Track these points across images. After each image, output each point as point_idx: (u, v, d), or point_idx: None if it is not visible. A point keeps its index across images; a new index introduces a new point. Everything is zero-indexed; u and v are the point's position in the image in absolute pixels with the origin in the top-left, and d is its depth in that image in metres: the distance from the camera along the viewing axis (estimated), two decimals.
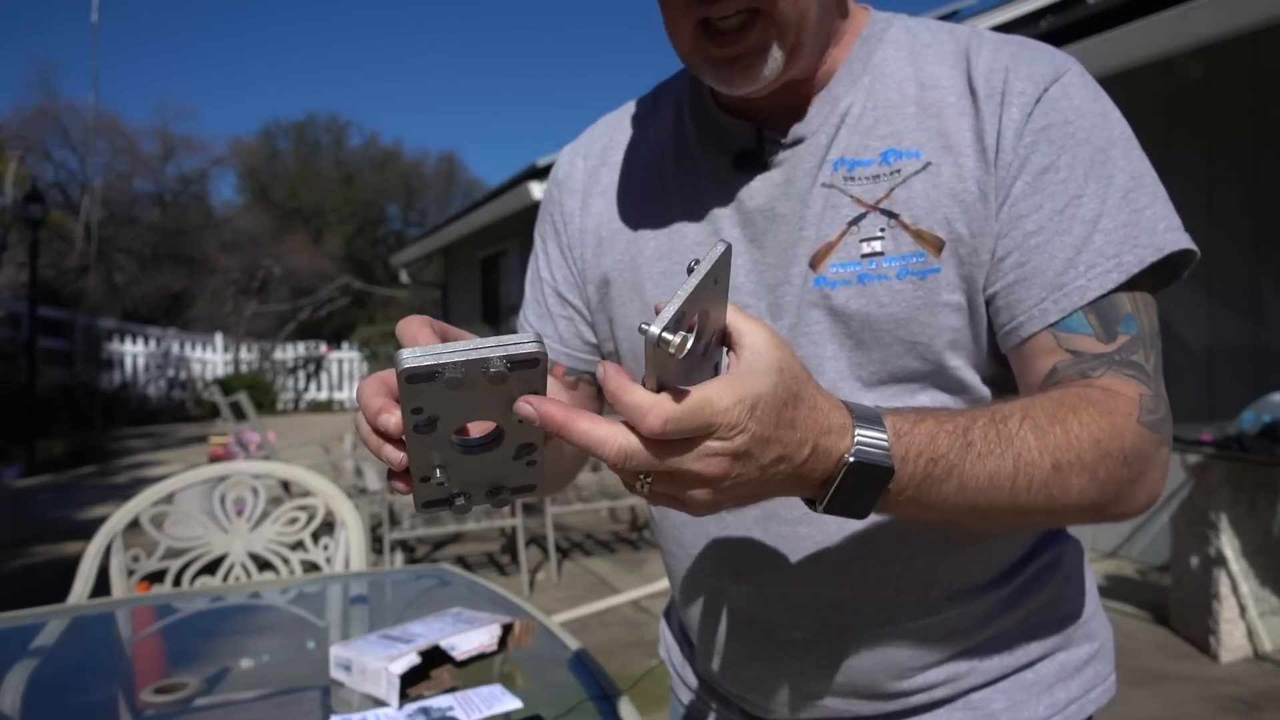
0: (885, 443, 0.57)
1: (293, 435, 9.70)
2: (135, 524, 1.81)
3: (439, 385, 0.49)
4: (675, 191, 0.86)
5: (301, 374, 17.91)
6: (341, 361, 18.04)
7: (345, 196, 29.62)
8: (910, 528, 0.77)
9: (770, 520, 0.80)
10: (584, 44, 70.91)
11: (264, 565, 1.92)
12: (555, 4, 72.17)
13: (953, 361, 0.75)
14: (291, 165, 30.97)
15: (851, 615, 0.79)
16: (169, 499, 1.87)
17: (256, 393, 13.83)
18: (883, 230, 0.74)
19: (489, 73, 68.27)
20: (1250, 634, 3.35)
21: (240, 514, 1.93)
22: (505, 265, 11.05)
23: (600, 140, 0.95)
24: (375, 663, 1.00)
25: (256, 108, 61.56)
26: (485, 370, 0.49)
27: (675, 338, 0.48)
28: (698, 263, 0.51)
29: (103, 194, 17.64)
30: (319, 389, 17.97)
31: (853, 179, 0.76)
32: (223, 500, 1.93)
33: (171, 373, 16.55)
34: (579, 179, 0.94)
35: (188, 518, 1.89)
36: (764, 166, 0.80)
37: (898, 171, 0.75)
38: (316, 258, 23.38)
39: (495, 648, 1.08)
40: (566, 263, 0.93)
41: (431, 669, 1.04)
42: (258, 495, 1.95)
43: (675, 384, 0.51)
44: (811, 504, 0.60)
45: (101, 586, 1.74)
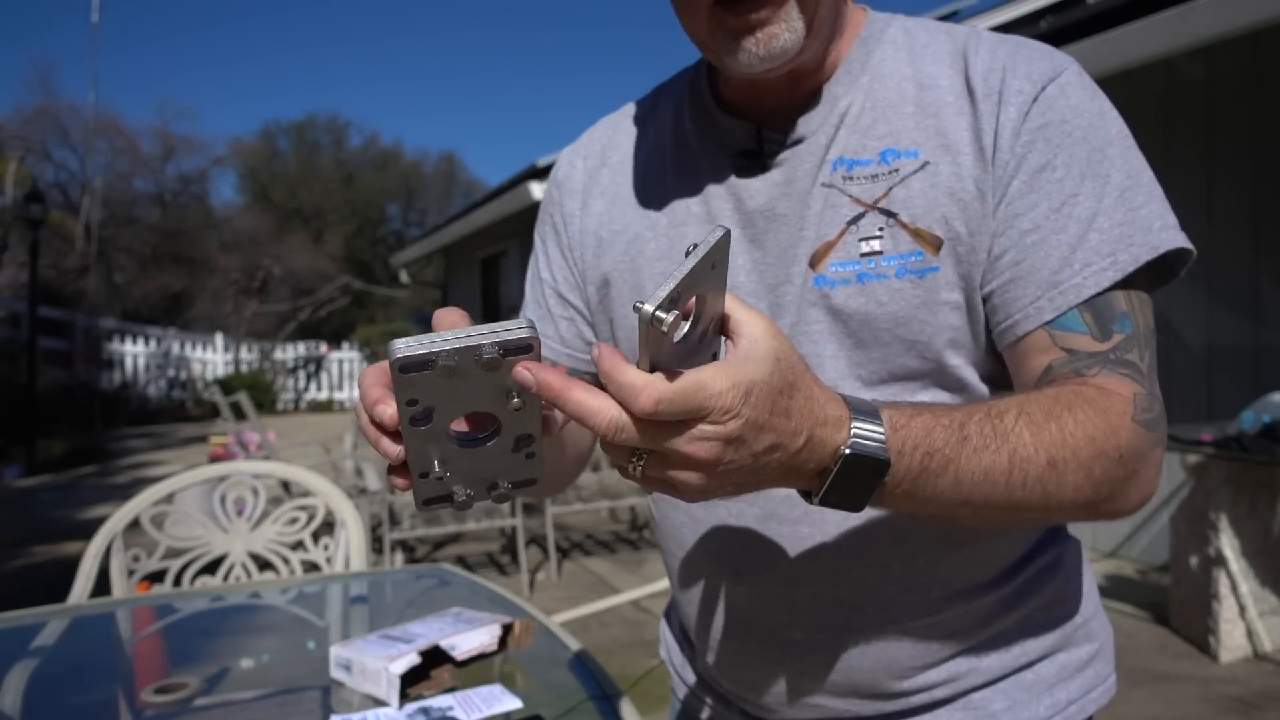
0: (882, 436, 0.57)
1: (293, 435, 9.71)
2: (135, 524, 1.81)
3: (433, 375, 0.49)
4: (675, 192, 0.86)
5: (301, 374, 17.92)
6: (341, 361, 18.05)
7: (345, 196, 29.62)
8: (910, 527, 0.77)
9: (770, 519, 0.80)
10: (584, 44, 70.96)
11: (264, 565, 1.92)
12: (555, 3, 72.23)
13: (953, 360, 0.75)
14: (291, 165, 30.97)
15: (852, 614, 0.80)
16: (169, 499, 1.87)
17: (256, 393, 13.83)
18: (881, 229, 0.75)
19: (489, 73, 68.30)
20: (1250, 634, 3.35)
21: (240, 514, 1.93)
22: (505, 265, 11.05)
23: (600, 142, 0.95)
24: (375, 663, 1.00)
25: (256, 108, 61.62)
26: (479, 357, 0.49)
27: (669, 316, 0.48)
28: (695, 246, 0.51)
29: (103, 194, 17.64)
30: (319, 389, 17.98)
31: (851, 178, 0.76)
32: (223, 500, 1.93)
33: (171, 373, 16.55)
34: (579, 180, 0.94)
35: (188, 518, 1.89)
36: (764, 167, 0.80)
37: (896, 171, 0.75)
38: (316, 258, 23.37)
39: (495, 648, 1.08)
40: (567, 263, 0.93)
41: (431, 669, 1.04)
42: (258, 495, 1.95)
43: (670, 367, 0.51)
44: (807, 496, 0.60)
45: (101, 586, 1.74)
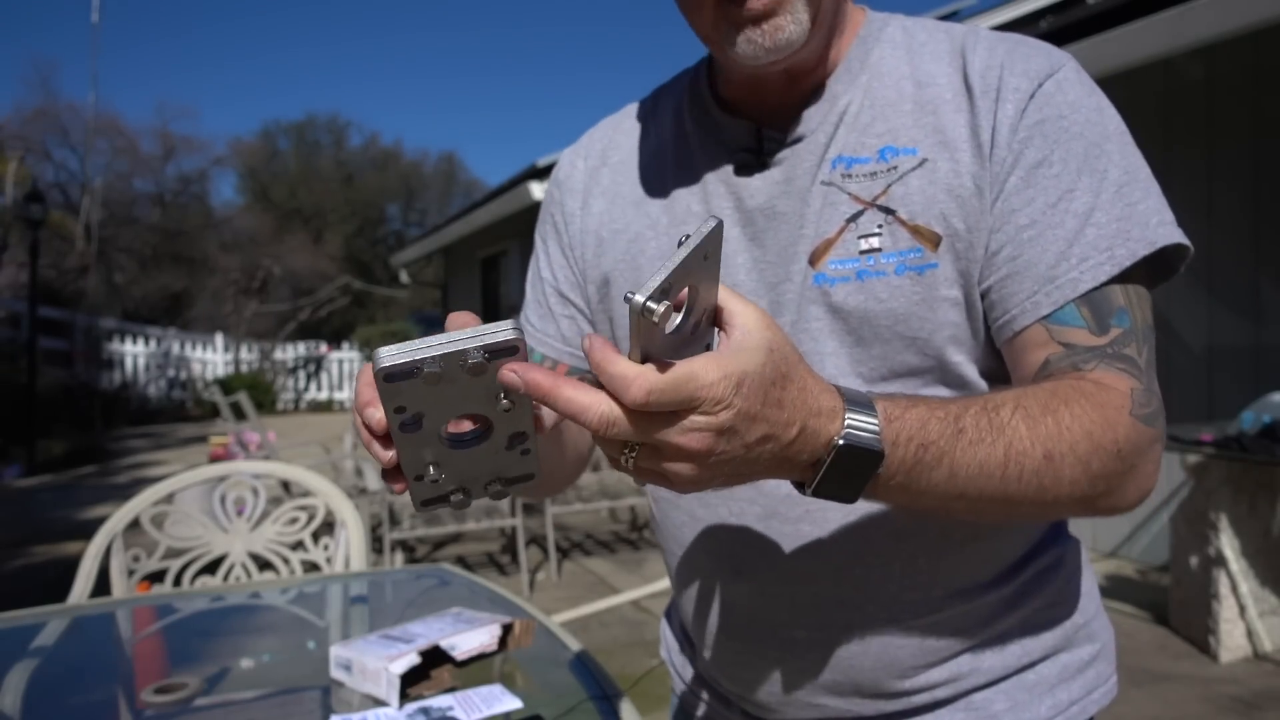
0: (876, 427, 0.57)
1: (293, 435, 9.71)
2: (135, 524, 1.81)
3: (419, 382, 0.49)
4: (676, 191, 0.86)
5: (301, 374, 17.92)
6: (341, 361, 18.05)
7: (345, 196, 29.62)
8: (911, 525, 0.77)
9: (772, 518, 0.80)
10: (584, 43, 70.96)
11: (264, 565, 1.92)
12: (556, 3, 72.22)
13: (954, 357, 0.75)
14: (291, 165, 30.97)
15: (853, 613, 0.79)
16: (169, 499, 1.87)
17: (256, 393, 13.83)
18: (880, 227, 0.75)
19: (489, 72, 68.31)
20: (1250, 634, 3.35)
21: (240, 514, 1.93)
22: (505, 265, 11.05)
23: (600, 142, 0.95)
24: (375, 663, 1.00)
25: (256, 108, 61.58)
26: (464, 362, 0.49)
27: (659, 307, 0.47)
28: (688, 237, 0.51)
29: (103, 194, 17.63)
30: (319, 389, 17.98)
31: (850, 176, 0.77)
32: (223, 500, 1.93)
33: (171, 373, 16.55)
34: (579, 180, 0.94)
35: (188, 518, 1.89)
36: (763, 165, 0.81)
37: (895, 168, 0.75)
38: (316, 258, 23.37)
39: (495, 648, 1.08)
40: (568, 262, 0.94)
41: (431, 669, 1.04)
42: (258, 495, 1.95)
43: (662, 358, 0.50)
44: (800, 487, 0.60)
45: (101, 586, 1.74)
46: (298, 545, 1.94)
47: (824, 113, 0.79)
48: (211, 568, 1.87)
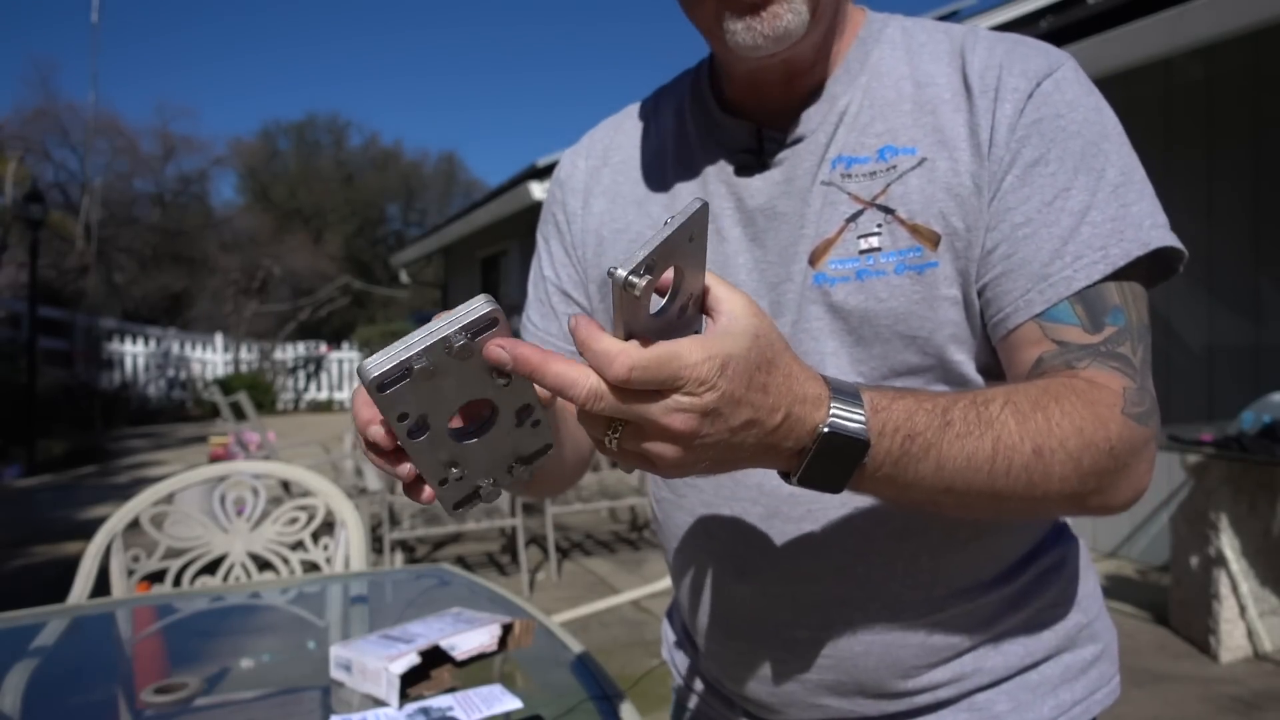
0: (862, 416, 0.57)
1: (293, 435, 9.70)
2: (135, 524, 1.81)
3: (413, 383, 0.48)
4: (677, 191, 0.86)
5: (301, 374, 17.92)
6: (341, 361, 18.05)
7: (345, 196, 29.63)
8: (913, 525, 0.77)
9: (774, 518, 0.80)
10: (585, 43, 70.97)
11: (264, 565, 1.92)
12: (556, 3, 72.24)
13: (955, 355, 0.75)
14: (291, 165, 30.98)
15: (856, 613, 0.79)
16: (169, 499, 1.87)
17: (256, 393, 13.83)
18: (879, 226, 0.75)
19: (489, 72, 68.33)
20: (1250, 634, 3.35)
21: (240, 514, 1.93)
22: (505, 265, 11.05)
23: (601, 142, 0.95)
24: (375, 663, 1.00)
25: (256, 108, 61.57)
26: (449, 349, 0.49)
27: (641, 280, 0.47)
28: (673, 218, 0.51)
29: (103, 194, 17.63)
30: (319, 389, 17.98)
31: (850, 176, 0.77)
32: (223, 500, 1.93)
33: (171, 373, 16.55)
34: (580, 179, 0.94)
35: (188, 518, 1.89)
36: (764, 165, 0.81)
37: (894, 168, 0.75)
38: (316, 258, 23.38)
39: (495, 648, 1.08)
40: (571, 261, 0.94)
41: (431, 669, 1.04)
42: (258, 495, 1.95)
43: (647, 339, 0.50)
44: (786, 477, 0.60)
45: (101, 586, 1.74)
46: (298, 545, 1.94)
47: (824, 113, 0.79)
48: (211, 568, 1.87)
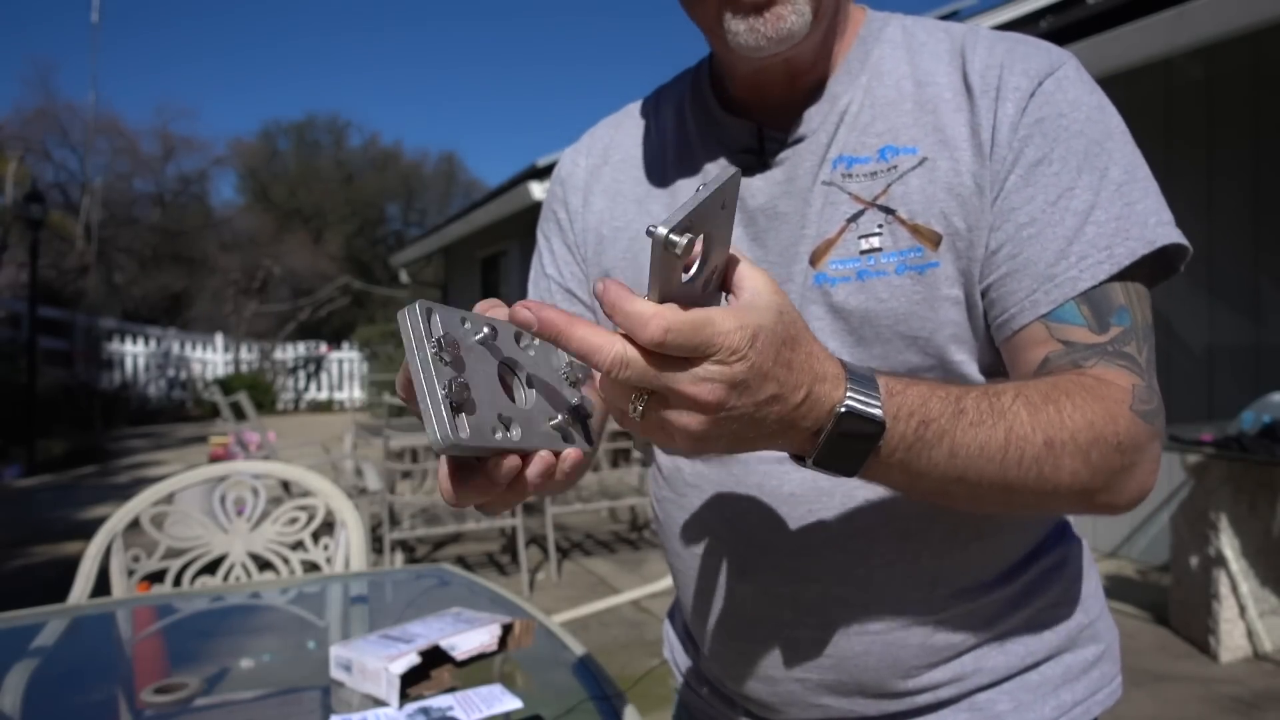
0: (878, 398, 0.57)
1: (293, 435, 9.71)
2: (135, 524, 1.81)
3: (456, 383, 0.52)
4: (677, 191, 0.86)
5: (301, 374, 17.92)
6: (341, 361, 18.06)
7: (345, 196, 29.60)
8: (915, 525, 0.77)
9: (774, 518, 0.80)
10: (585, 43, 70.97)
11: (264, 565, 1.92)
12: (556, 3, 72.25)
13: (956, 355, 0.75)
14: (291, 165, 30.96)
15: (857, 613, 0.79)
16: (169, 499, 1.87)
17: (256, 393, 13.83)
18: (880, 226, 0.75)
19: (489, 72, 68.33)
20: (1250, 634, 3.35)
21: (240, 514, 1.93)
22: (505, 265, 11.04)
23: (601, 141, 0.95)
24: (375, 663, 1.00)
25: (256, 108, 61.51)
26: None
27: (682, 239, 0.47)
28: (706, 184, 0.50)
29: (103, 194, 17.63)
30: (319, 389, 17.98)
31: (851, 176, 0.77)
32: (223, 500, 1.93)
33: (171, 373, 16.55)
34: (581, 177, 0.94)
35: (188, 518, 1.89)
36: (765, 165, 0.81)
37: (894, 168, 0.75)
38: (316, 258, 23.38)
39: (495, 648, 1.08)
40: (574, 258, 0.93)
41: (431, 669, 1.04)
42: (258, 495, 1.95)
43: (677, 302, 0.50)
44: (801, 460, 0.60)
45: (101, 586, 1.74)
46: (298, 545, 1.94)
47: (824, 113, 0.79)
48: (211, 568, 1.87)
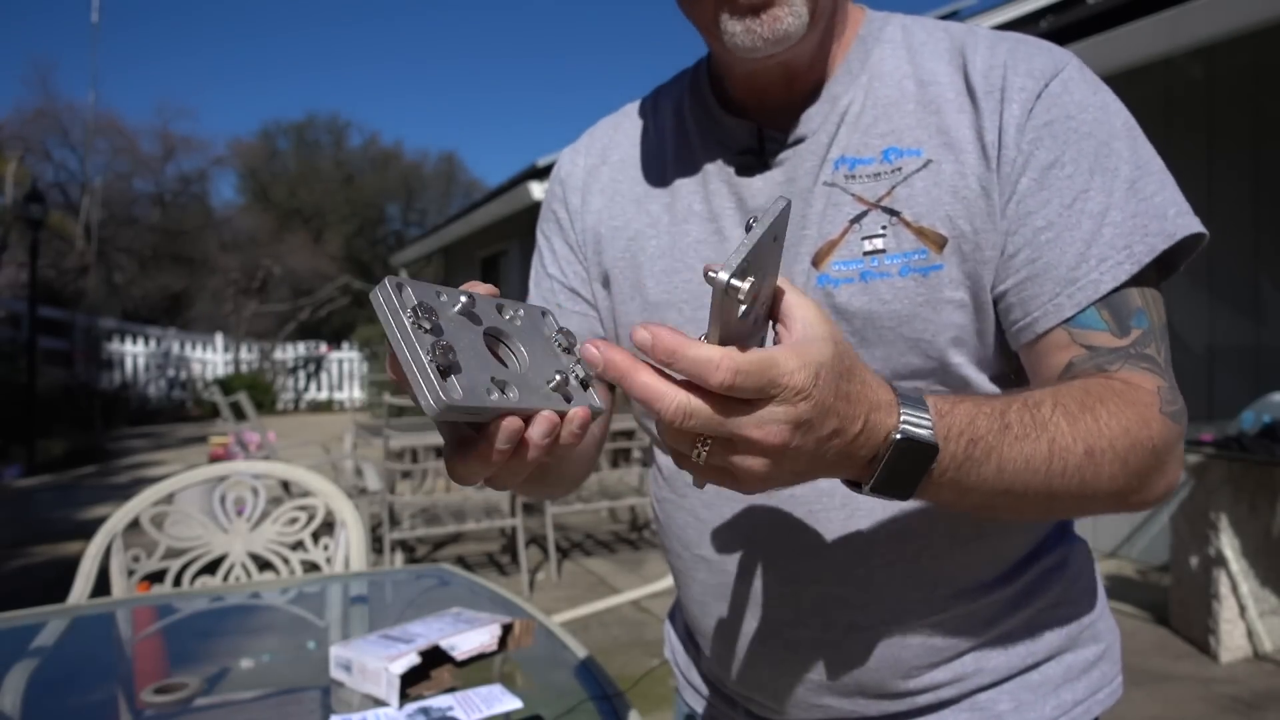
0: (929, 421, 0.57)
1: (293, 435, 9.72)
2: (135, 524, 1.81)
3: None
4: (678, 191, 0.86)
5: (301, 374, 17.92)
6: (341, 361, 18.05)
7: (345, 196, 29.60)
8: (916, 525, 0.77)
9: (775, 519, 0.80)
10: (585, 42, 70.97)
11: (264, 565, 1.92)
12: (557, 4, 72.23)
13: (955, 358, 0.75)
14: (291, 165, 30.97)
15: (858, 613, 0.79)
16: (169, 499, 1.87)
17: (256, 393, 13.84)
18: (884, 228, 0.75)
19: (489, 72, 68.34)
20: (1250, 634, 3.35)
21: (240, 514, 1.93)
22: (505, 265, 11.04)
23: (600, 141, 0.95)
24: (375, 663, 1.00)
25: (256, 108, 61.54)
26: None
27: (745, 284, 0.45)
28: (757, 219, 0.49)
29: (103, 194, 17.64)
30: (319, 389, 17.98)
31: (854, 177, 0.76)
32: (223, 500, 1.93)
33: (171, 373, 16.55)
34: (579, 177, 0.94)
35: (188, 518, 1.89)
36: (765, 165, 0.81)
37: (899, 169, 0.75)
38: (316, 258, 23.38)
39: (495, 648, 1.08)
40: (576, 258, 0.93)
41: (431, 669, 1.04)
42: (258, 495, 1.95)
43: (737, 342, 0.49)
44: (856, 486, 0.59)
45: (101, 586, 1.74)
46: (298, 545, 1.94)
47: (825, 113, 0.79)
48: (211, 568, 1.87)
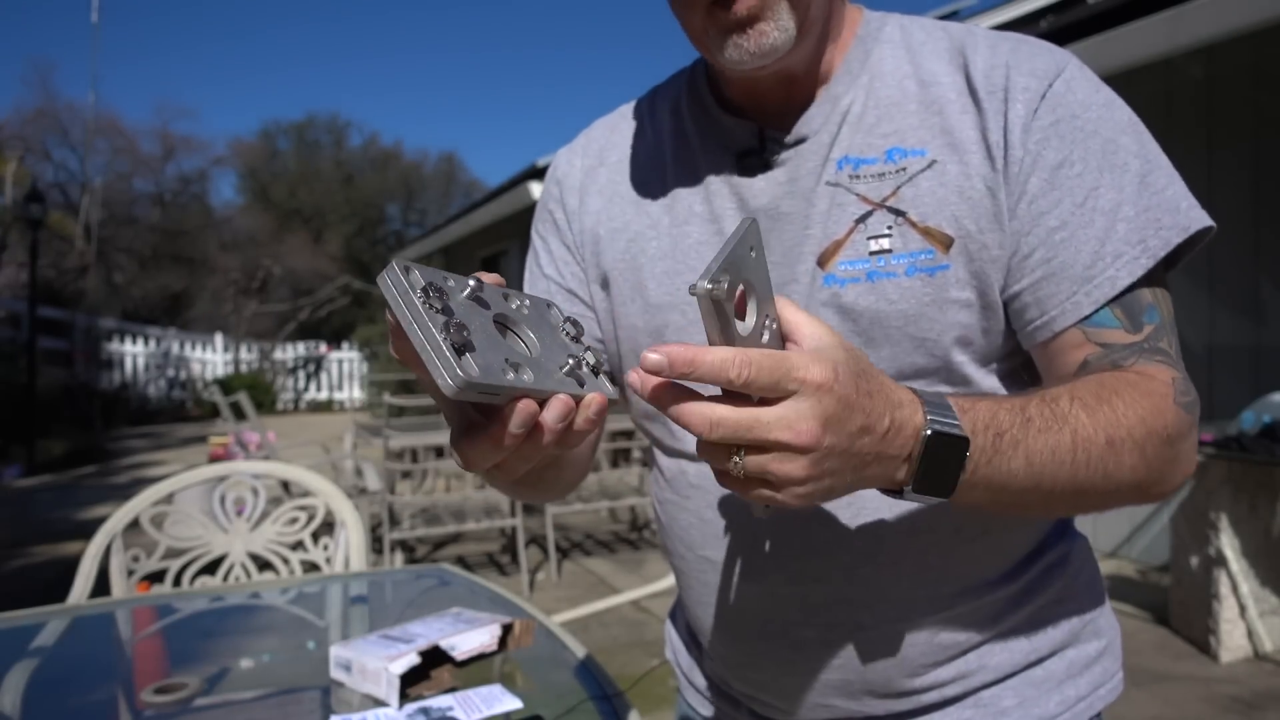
0: (955, 415, 0.58)
1: (293, 435, 9.71)
2: (135, 524, 1.81)
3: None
4: (677, 191, 0.85)
5: (301, 374, 17.92)
6: (341, 361, 18.05)
7: (345, 196, 29.61)
8: (921, 523, 0.77)
9: (780, 519, 0.80)
10: (585, 42, 70.95)
11: (264, 565, 1.92)
12: (556, 3, 72.21)
13: (959, 358, 0.76)
14: (291, 165, 30.97)
15: (863, 613, 0.79)
16: (169, 499, 1.87)
17: (256, 393, 13.83)
18: (890, 228, 0.75)
19: (489, 72, 68.32)
20: (1250, 634, 3.35)
21: (240, 514, 1.93)
22: (505, 265, 11.05)
23: (597, 142, 0.94)
24: (375, 663, 1.00)
25: (256, 108, 61.61)
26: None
27: (723, 280, 0.49)
28: (730, 236, 0.53)
29: (103, 194, 17.65)
30: (319, 389, 17.98)
31: (858, 177, 0.76)
32: (223, 500, 1.93)
33: (171, 373, 16.55)
34: (577, 178, 0.93)
35: (188, 518, 1.89)
36: (766, 165, 0.80)
37: (904, 170, 0.75)
38: (316, 258, 23.39)
39: (495, 648, 1.08)
40: (574, 258, 0.93)
41: (431, 669, 1.04)
42: (258, 495, 1.95)
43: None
44: (897, 494, 0.60)
45: (101, 586, 1.74)
46: (298, 545, 1.94)
47: (825, 113, 0.79)
48: (211, 568, 1.87)
